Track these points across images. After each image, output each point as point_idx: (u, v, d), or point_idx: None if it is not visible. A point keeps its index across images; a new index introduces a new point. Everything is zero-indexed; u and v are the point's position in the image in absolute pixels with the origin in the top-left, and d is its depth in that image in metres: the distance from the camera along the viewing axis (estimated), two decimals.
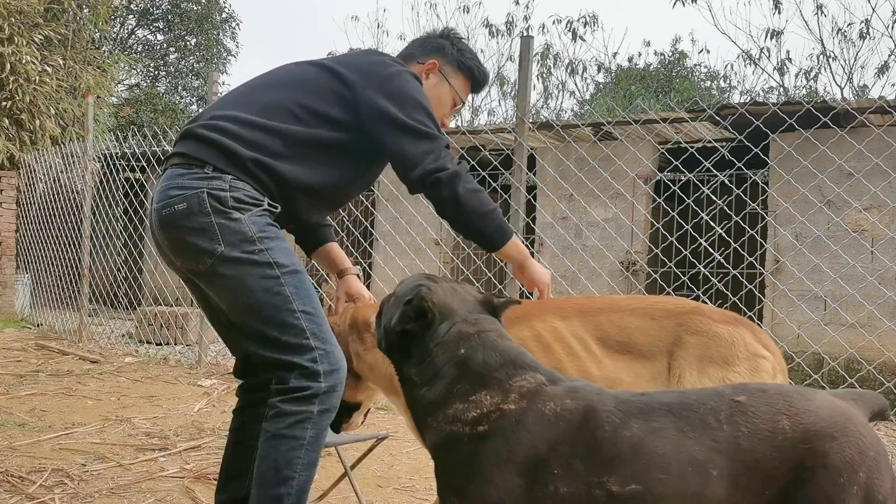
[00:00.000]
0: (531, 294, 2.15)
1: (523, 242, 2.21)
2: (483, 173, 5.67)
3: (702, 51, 24.78)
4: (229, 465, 2.04)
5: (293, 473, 1.73)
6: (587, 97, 17.74)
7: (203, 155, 1.79)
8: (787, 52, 18.77)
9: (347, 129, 1.88)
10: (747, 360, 1.80)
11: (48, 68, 10.27)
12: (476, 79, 2.16)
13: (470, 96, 2.22)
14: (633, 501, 1.17)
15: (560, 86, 17.83)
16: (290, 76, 1.98)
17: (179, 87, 19.33)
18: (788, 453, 1.18)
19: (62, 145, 9.06)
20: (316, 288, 1.94)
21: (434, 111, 1.92)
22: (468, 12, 18.17)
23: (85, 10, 11.67)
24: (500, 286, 6.67)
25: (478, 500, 1.23)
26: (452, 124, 20.01)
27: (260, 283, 1.73)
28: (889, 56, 14.31)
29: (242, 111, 1.84)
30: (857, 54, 14.76)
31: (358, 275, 2.24)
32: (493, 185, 5.49)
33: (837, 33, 14.69)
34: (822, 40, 15.39)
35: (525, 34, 16.70)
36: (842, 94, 14.60)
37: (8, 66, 9.66)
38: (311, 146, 1.86)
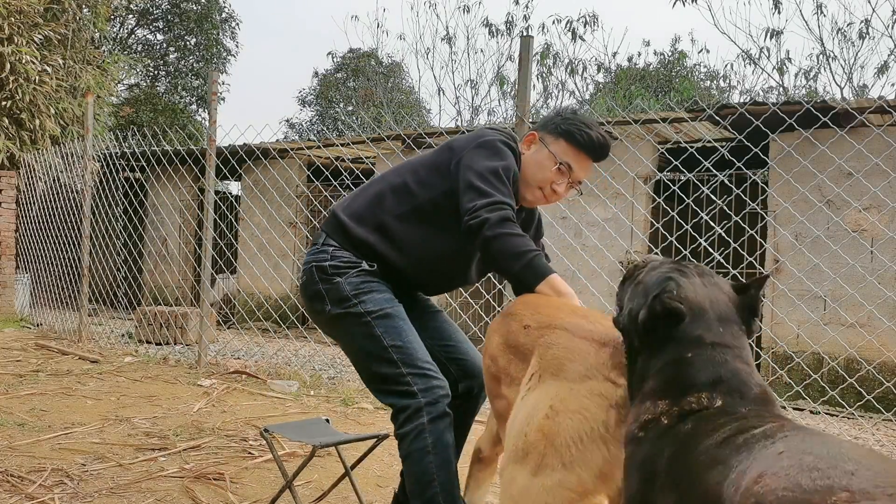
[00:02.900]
0: None
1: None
2: None
3: (701, 51, 24.85)
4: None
5: (431, 477, 2.01)
6: (587, 97, 17.73)
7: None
8: (787, 51, 18.79)
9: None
10: None
11: (48, 68, 10.27)
12: (578, 140, 2.15)
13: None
14: None
15: (560, 86, 17.83)
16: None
17: (179, 87, 19.32)
18: None
19: (62, 145, 9.06)
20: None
21: (539, 176, 2.14)
22: (468, 12, 18.18)
23: (85, 10, 11.66)
24: (500, 286, 6.67)
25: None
26: (452, 124, 19.94)
27: (357, 329, 2.10)
28: (889, 56, 14.31)
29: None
30: (856, 54, 14.79)
31: None
32: None
33: (837, 33, 14.70)
34: (821, 40, 15.41)
35: (525, 34, 16.71)
36: (841, 93, 14.60)
37: (8, 65, 9.65)
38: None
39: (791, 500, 0.93)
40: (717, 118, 5.96)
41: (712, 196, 5.30)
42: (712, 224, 5.88)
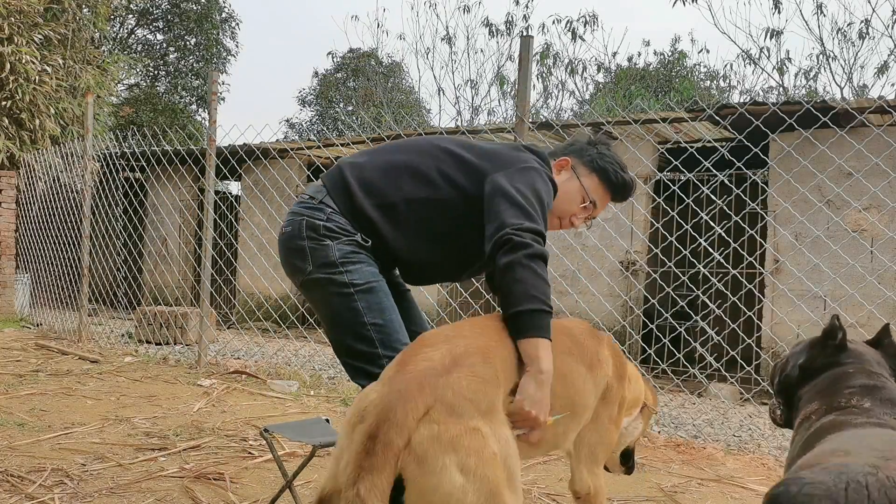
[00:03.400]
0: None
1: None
2: None
3: (701, 50, 24.89)
4: None
5: None
6: (587, 97, 17.74)
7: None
8: (787, 51, 18.81)
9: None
10: None
11: (48, 68, 10.27)
12: (611, 181, 2.11)
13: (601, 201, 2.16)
14: None
15: (560, 85, 17.85)
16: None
17: (179, 87, 19.33)
18: None
19: (62, 145, 9.06)
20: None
21: (563, 207, 2.08)
22: (468, 12, 18.19)
23: (84, 10, 11.67)
24: None
25: None
26: (452, 124, 19.95)
27: (337, 299, 1.96)
28: (889, 56, 14.32)
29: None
30: (856, 54, 14.80)
31: None
32: None
33: (837, 33, 14.71)
34: (821, 40, 15.42)
35: (525, 34, 16.71)
36: (841, 93, 14.61)
37: (8, 65, 9.65)
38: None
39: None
40: (717, 118, 5.96)
41: (712, 196, 5.30)
42: (712, 224, 5.88)
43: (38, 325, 8.51)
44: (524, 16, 17.38)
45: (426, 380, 1.49)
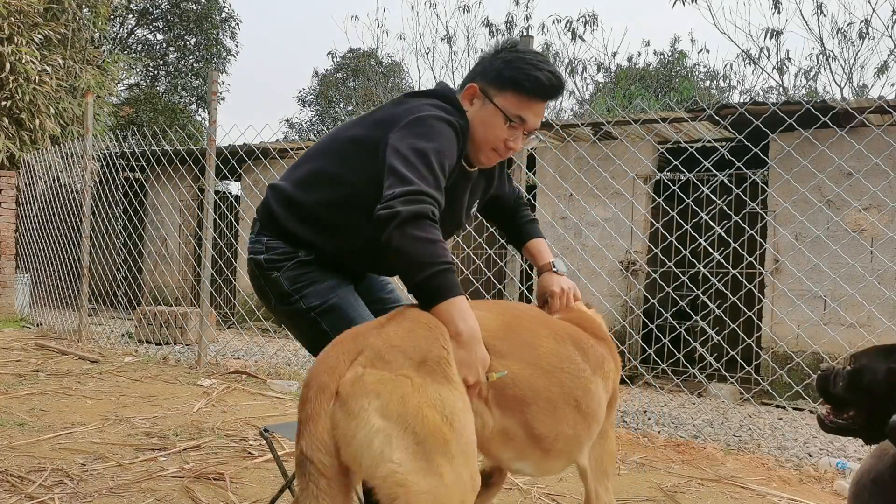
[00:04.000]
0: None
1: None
2: None
3: (701, 50, 24.88)
4: None
5: None
6: (587, 97, 17.74)
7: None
8: (787, 51, 18.80)
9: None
10: None
11: (48, 68, 10.28)
12: (527, 87, 1.85)
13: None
14: None
15: None
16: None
17: (179, 87, 19.33)
18: None
19: (62, 145, 9.06)
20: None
21: (488, 136, 1.89)
22: (468, 12, 18.19)
23: (84, 10, 11.67)
24: (499, 286, 6.66)
25: None
26: None
27: (304, 326, 1.95)
28: (889, 56, 14.32)
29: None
30: (856, 54, 14.80)
31: (554, 269, 2.14)
32: None
33: (837, 33, 14.71)
34: (821, 40, 15.41)
35: (525, 34, 16.71)
36: (841, 93, 14.61)
37: (8, 65, 9.66)
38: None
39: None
40: (717, 118, 5.96)
41: (712, 196, 5.30)
42: (712, 224, 5.88)
43: (38, 325, 8.51)
44: (524, 16, 17.44)
45: (361, 330, 1.53)
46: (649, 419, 5.10)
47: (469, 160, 1.94)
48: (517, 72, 1.84)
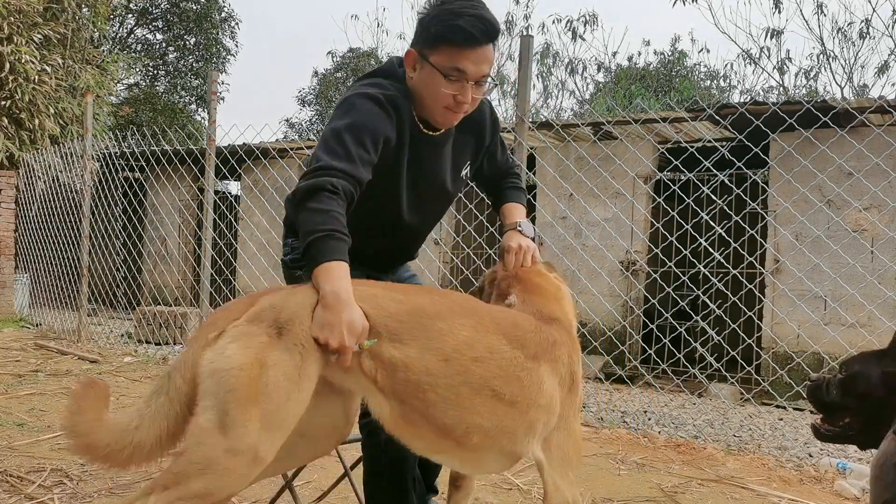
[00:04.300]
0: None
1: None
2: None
3: (702, 50, 24.92)
4: None
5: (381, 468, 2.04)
6: (587, 97, 17.75)
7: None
8: (787, 51, 18.89)
9: None
10: None
11: (47, 67, 10.27)
12: (453, 39, 1.80)
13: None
14: None
15: (560, 85, 17.86)
16: None
17: (179, 87, 19.33)
18: None
19: (61, 145, 9.06)
20: None
21: (436, 95, 1.87)
22: None
23: (84, 10, 11.66)
24: None
25: None
26: None
27: None
28: (889, 56, 14.33)
29: None
30: (857, 54, 14.81)
31: (519, 229, 2.10)
32: None
33: (837, 33, 14.73)
34: (822, 40, 15.43)
35: (525, 33, 16.71)
36: (842, 93, 14.61)
37: (7, 65, 9.65)
38: None
39: None
40: (718, 118, 5.96)
41: (712, 196, 5.29)
42: (712, 224, 5.87)
43: (37, 325, 8.50)
44: (524, 15, 17.44)
45: (274, 290, 1.66)
46: (649, 419, 5.10)
47: (430, 125, 1.95)
48: (441, 25, 1.81)
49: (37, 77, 10.02)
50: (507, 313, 1.82)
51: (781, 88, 15.68)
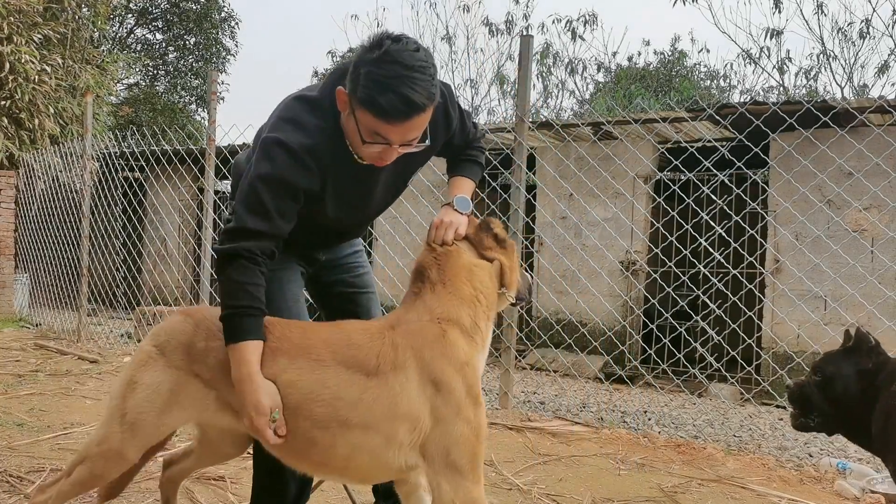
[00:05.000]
0: None
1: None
2: (482, 173, 5.66)
3: (701, 50, 24.79)
4: None
5: None
6: (587, 96, 17.75)
7: None
8: (787, 51, 18.87)
9: None
10: None
11: (47, 67, 10.27)
12: (373, 110, 1.64)
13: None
14: None
15: (560, 85, 17.84)
16: None
17: (178, 87, 19.33)
18: None
19: (61, 144, 9.05)
20: None
21: (359, 149, 1.78)
22: (468, 11, 18.16)
23: (84, 10, 11.66)
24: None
25: None
26: None
27: None
28: (889, 56, 14.32)
29: None
30: (857, 54, 14.78)
31: (454, 206, 1.99)
32: (493, 184, 5.49)
33: (837, 33, 14.71)
34: (822, 40, 15.41)
35: (525, 33, 16.71)
36: (842, 93, 14.61)
37: (7, 65, 9.65)
38: None
39: None
40: (718, 118, 5.96)
41: (712, 196, 5.29)
42: (712, 224, 5.87)
43: (37, 325, 8.50)
44: (524, 15, 17.39)
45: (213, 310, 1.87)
46: (649, 419, 5.10)
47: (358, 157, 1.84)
48: (366, 91, 1.64)
49: (37, 77, 10.02)
50: (341, 334, 1.79)
51: (781, 88, 15.68)
